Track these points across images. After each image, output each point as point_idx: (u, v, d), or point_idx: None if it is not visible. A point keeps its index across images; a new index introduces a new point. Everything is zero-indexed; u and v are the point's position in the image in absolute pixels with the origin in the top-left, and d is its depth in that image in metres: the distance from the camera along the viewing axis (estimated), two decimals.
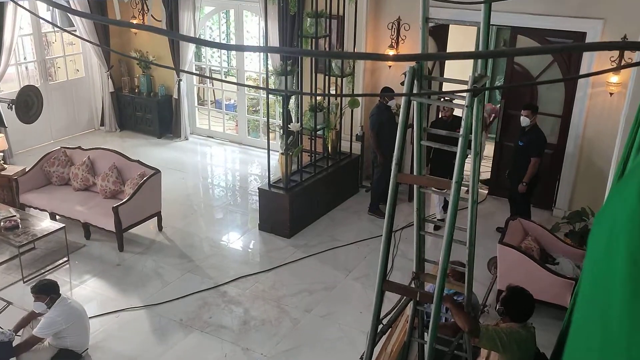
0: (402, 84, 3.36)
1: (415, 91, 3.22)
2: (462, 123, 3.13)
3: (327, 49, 7.84)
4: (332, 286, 6.25)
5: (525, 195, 6.83)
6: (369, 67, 8.34)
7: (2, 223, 6.31)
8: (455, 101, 6.68)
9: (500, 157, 8.09)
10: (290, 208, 7.08)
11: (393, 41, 7.95)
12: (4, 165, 7.64)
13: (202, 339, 5.38)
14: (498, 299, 4.03)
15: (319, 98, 7.64)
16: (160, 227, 7.30)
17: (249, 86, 10.01)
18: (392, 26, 7.92)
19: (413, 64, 3.31)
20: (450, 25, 8.17)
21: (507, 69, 7.99)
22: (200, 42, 6.63)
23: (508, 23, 7.48)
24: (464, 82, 3.24)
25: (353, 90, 8.01)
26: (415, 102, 3.40)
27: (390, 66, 8.14)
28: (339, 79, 7.81)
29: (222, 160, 10.13)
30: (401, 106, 3.33)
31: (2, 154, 7.70)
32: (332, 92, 7.89)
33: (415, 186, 3.63)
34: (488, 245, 6.37)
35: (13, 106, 4.17)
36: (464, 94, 3.12)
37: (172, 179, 8.58)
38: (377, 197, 7.70)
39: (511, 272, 5.53)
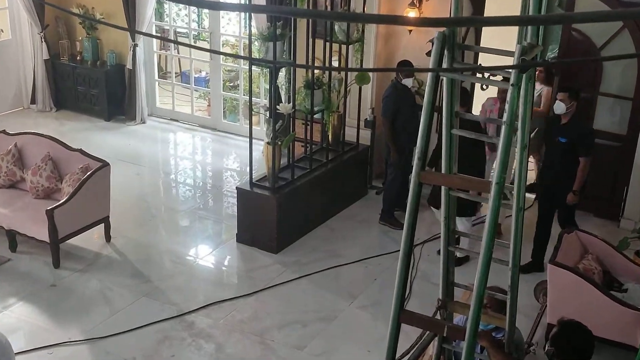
0: (428, 54, 3.36)
1: (445, 65, 3.23)
2: (507, 106, 3.14)
3: (329, 9, 7.83)
4: (332, 316, 6.26)
5: (572, 206, 6.79)
6: (383, 31, 8.35)
7: None
8: (496, 77, 6.69)
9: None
10: (278, 214, 7.08)
11: None
12: None
13: None
14: (547, 336, 4.05)
15: (316, 71, 7.65)
16: (108, 237, 7.31)
17: (226, 54, 10.01)
18: None
19: (442, 29, 3.32)
20: None
21: (563, 36, 8.00)
22: None
23: None
24: (509, 54, 3.25)
25: (362, 61, 8.02)
26: (444, 78, 3.41)
27: (410, 31, 8.15)
28: (344, 47, 7.81)
29: (190, 151, 10.14)
30: (427, 84, 3.33)
31: None
32: (335, 62, 7.89)
33: (443, 188, 3.64)
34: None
35: None
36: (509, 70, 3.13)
37: (125, 175, 8.58)
38: (390, 201, 7.71)
39: (565, 301, 5.54)
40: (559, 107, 6.52)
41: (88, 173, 6.98)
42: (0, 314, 6.13)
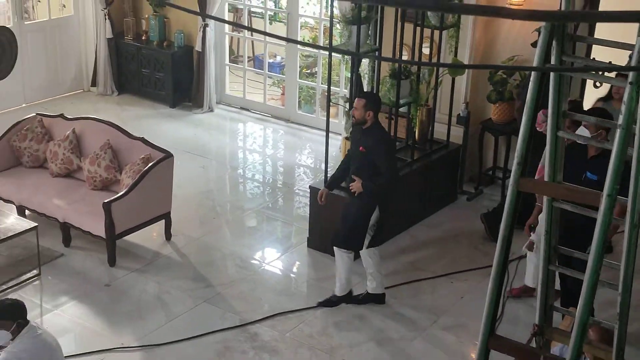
0: (534, 45, 3.31)
1: (553, 59, 3.16)
2: (623, 108, 3.06)
3: None
4: (411, 337, 6.23)
5: None
6: (482, 17, 8.24)
7: None
8: (613, 75, 6.50)
9: None
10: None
11: None
12: None
13: None
14: None
15: (404, 58, 7.62)
16: (168, 236, 7.47)
17: (303, 43, 10.05)
18: None
19: None
20: None
21: None
22: None
23: None
24: (629, 47, 3.16)
25: (457, 49, 7.93)
26: (552, 74, 3.34)
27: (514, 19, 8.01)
28: (437, 32, 7.74)
29: (260, 144, 10.24)
30: (531, 79, 3.28)
31: None
32: (426, 51, 7.82)
33: (545, 198, 3.58)
34: None
35: None
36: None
37: (189, 168, 8.73)
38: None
39: None
40: (583, 134, 5.40)
41: (150, 164, 7.13)
42: (51, 313, 6.35)
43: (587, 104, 7.99)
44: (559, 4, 7.00)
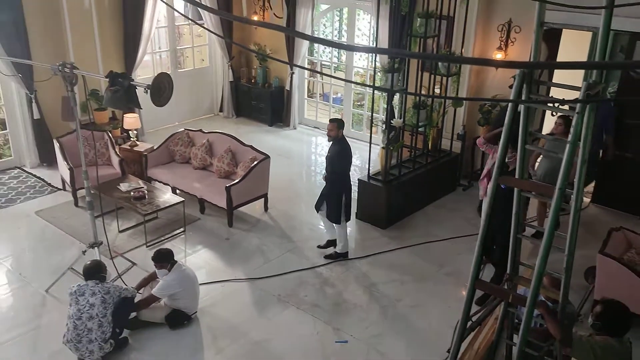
0: (511, 87, 3.21)
1: (524, 95, 3.07)
2: (572, 129, 2.95)
3: (435, 49, 7.65)
4: (423, 279, 6.16)
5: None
6: (476, 67, 8.06)
7: (132, 193, 6.80)
8: (565, 107, 6.28)
9: (609, 166, 7.45)
10: (388, 200, 7.04)
11: (502, 43, 7.62)
12: (137, 142, 8.21)
13: (296, 315, 5.51)
14: (593, 310, 3.78)
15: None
16: (266, 208, 7.52)
17: (356, 83, 10.00)
18: (502, 28, 7.59)
19: None
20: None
21: (622, 74, 7.39)
22: (314, 40, 6.69)
23: (628, 28, 6.84)
24: (576, 89, 3.05)
25: (458, 90, 7.79)
26: (522, 106, 3.25)
27: (497, 68, 7.82)
28: (444, 78, 7.61)
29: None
30: (507, 110, 3.19)
31: (135, 132, 8.29)
32: (437, 90, 7.70)
33: (515, 189, 3.48)
34: (588, 254, 5.97)
35: (149, 90, 4.44)
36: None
37: (280, 165, 8.79)
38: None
39: (610, 284, 5.16)
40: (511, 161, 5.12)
41: (255, 162, 7.21)
42: (191, 256, 6.48)
43: (547, 126, 7.78)
44: (529, 57, 6.82)
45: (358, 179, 7.36)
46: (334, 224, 6.35)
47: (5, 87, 8.21)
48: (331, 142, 6.25)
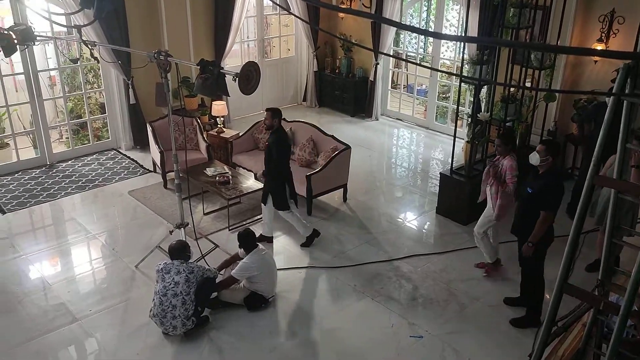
0: (613, 81, 2.99)
1: (628, 90, 2.85)
2: None
3: (529, 41, 7.29)
4: (504, 279, 5.93)
5: (534, 259, 5.10)
6: (572, 60, 7.61)
7: (217, 178, 7.03)
8: None
9: None
10: (470, 196, 6.82)
11: (603, 35, 7.14)
12: (223, 128, 8.48)
13: (371, 306, 5.49)
14: None
15: (512, 89, 7.19)
16: (344, 198, 7.53)
17: (443, 72, 9.74)
18: (604, 19, 7.10)
19: (628, 61, 2.93)
20: None
21: None
22: (403, 27, 6.56)
23: None
24: None
25: (550, 84, 7.39)
26: (625, 102, 3.02)
27: (596, 61, 7.34)
28: (537, 72, 7.25)
29: (408, 143, 10.09)
30: (609, 105, 2.98)
31: (222, 119, 8.55)
32: (528, 84, 7.35)
33: (612, 191, 3.25)
34: None
35: (237, 79, 4.55)
36: None
37: (360, 156, 8.78)
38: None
39: None
40: (534, 158, 4.86)
41: (336, 152, 7.22)
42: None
43: None
44: (633, 49, 6.35)
45: (440, 173, 7.20)
46: (282, 213, 6.29)
47: (105, 74, 8.73)
48: (270, 132, 6.16)
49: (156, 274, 4.97)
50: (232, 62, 10.14)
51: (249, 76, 4.67)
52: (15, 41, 5.72)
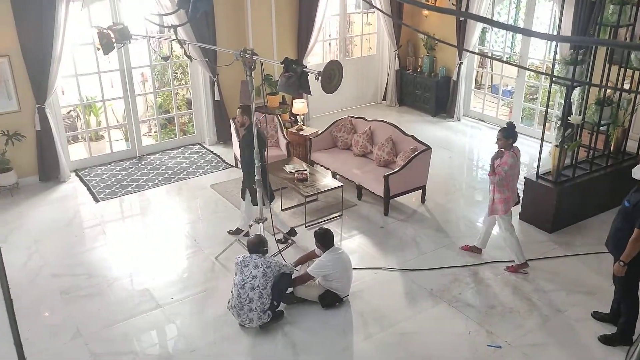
0: None
1: None
2: None
3: (629, 40, 6.84)
4: (592, 292, 5.61)
5: (627, 277, 4.70)
6: None
7: (295, 175, 7.13)
8: None
9: None
10: (557, 202, 6.51)
11: None
12: (303, 126, 8.59)
13: (448, 312, 5.37)
14: None
15: (608, 91, 6.77)
16: (423, 200, 7.41)
17: (534, 71, 9.33)
18: None
19: None
20: None
21: None
22: (491, 23, 6.35)
23: None
24: None
25: None
26: None
27: None
28: (637, 72, 6.78)
29: (490, 144, 9.76)
30: None
31: (302, 117, 8.66)
32: (626, 86, 6.90)
33: None
34: None
35: (320, 77, 4.58)
36: None
37: (440, 157, 8.60)
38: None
39: None
40: (637, 172, 4.59)
41: (415, 153, 7.12)
42: (346, 240, 6.61)
43: None
44: None
45: (525, 177, 6.91)
46: (244, 202, 6.35)
47: (193, 71, 9.09)
48: (243, 129, 6.24)
49: (235, 267, 5.11)
50: (314, 60, 10.24)
51: (332, 75, 4.68)
52: (113, 40, 6.09)
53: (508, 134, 5.64)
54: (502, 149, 5.69)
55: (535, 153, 6.93)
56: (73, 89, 8.54)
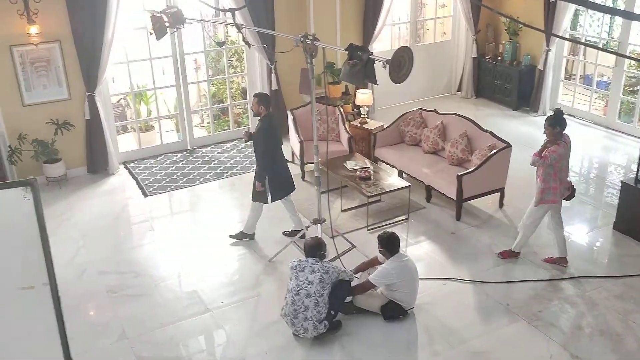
0: None
1: None
2: None
3: None
4: None
5: None
6: None
7: (357, 172, 7.15)
8: None
9: None
10: None
11: None
12: (367, 119, 8.58)
13: (526, 331, 5.24)
14: None
15: None
16: (501, 204, 7.26)
17: (636, 59, 8.91)
18: None
19: None
20: None
21: None
22: (585, 4, 6.10)
23: None
24: None
25: None
26: None
27: None
28: None
29: (581, 143, 9.40)
30: None
31: (367, 109, 8.66)
32: None
33: None
34: None
35: (387, 65, 4.57)
36: None
37: (522, 156, 8.31)
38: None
39: None
40: None
41: (493, 151, 6.99)
42: (413, 246, 6.57)
43: None
44: None
45: (621, 182, 6.64)
46: (254, 204, 6.52)
47: (249, 58, 9.27)
48: (258, 119, 6.40)
49: (290, 271, 5.18)
50: (380, 46, 10.22)
51: (401, 63, 4.66)
52: (167, 24, 6.31)
53: (554, 122, 5.69)
54: (549, 142, 5.73)
55: (635, 154, 6.67)
56: (123, 77, 8.89)
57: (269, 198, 6.48)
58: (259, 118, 6.40)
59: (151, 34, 6.40)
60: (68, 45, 7.78)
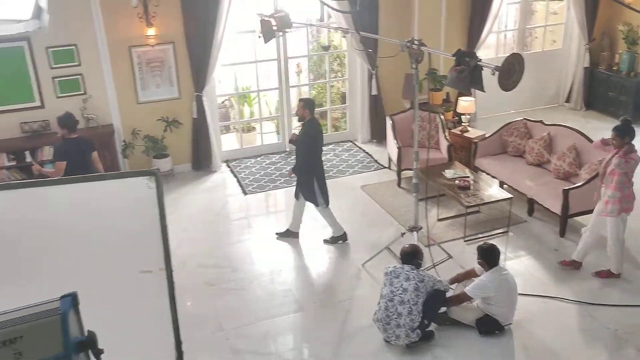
0: None
1: None
2: None
3: None
4: None
5: None
6: None
7: (456, 181, 7.01)
8: None
9: None
10: None
11: None
12: (468, 127, 8.41)
13: None
14: None
15: None
16: None
17: None
18: None
19: None
20: None
21: None
22: None
23: None
24: None
25: None
26: None
27: None
28: None
29: None
30: None
31: (468, 117, 8.49)
32: None
33: None
34: None
35: (497, 72, 4.47)
36: None
37: (635, 172, 7.87)
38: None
39: None
40: None
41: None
42: (512, 260, 6.35)
43: None
44: None
45: None
46: (318, 209, 6.59)
47: (351, 62, 9.35)
48: (301, 124, 6.48)
49: (384, 277, 5.17)
50: (485, 54, 9.96)
51: (511, 70, 4.55)
52: (274, 27, 6.50)
53: (623, 132, 5.55)
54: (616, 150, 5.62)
55: None
56: (229, 79, 9.24)
57: (320, 200, 6.55)
58: (303, 122, 6.49)
59: (260, 37, 6.62)
60: (181, 46, 8.19)
